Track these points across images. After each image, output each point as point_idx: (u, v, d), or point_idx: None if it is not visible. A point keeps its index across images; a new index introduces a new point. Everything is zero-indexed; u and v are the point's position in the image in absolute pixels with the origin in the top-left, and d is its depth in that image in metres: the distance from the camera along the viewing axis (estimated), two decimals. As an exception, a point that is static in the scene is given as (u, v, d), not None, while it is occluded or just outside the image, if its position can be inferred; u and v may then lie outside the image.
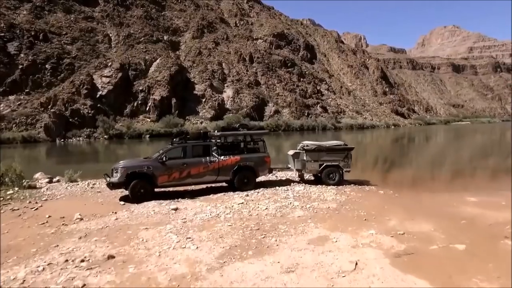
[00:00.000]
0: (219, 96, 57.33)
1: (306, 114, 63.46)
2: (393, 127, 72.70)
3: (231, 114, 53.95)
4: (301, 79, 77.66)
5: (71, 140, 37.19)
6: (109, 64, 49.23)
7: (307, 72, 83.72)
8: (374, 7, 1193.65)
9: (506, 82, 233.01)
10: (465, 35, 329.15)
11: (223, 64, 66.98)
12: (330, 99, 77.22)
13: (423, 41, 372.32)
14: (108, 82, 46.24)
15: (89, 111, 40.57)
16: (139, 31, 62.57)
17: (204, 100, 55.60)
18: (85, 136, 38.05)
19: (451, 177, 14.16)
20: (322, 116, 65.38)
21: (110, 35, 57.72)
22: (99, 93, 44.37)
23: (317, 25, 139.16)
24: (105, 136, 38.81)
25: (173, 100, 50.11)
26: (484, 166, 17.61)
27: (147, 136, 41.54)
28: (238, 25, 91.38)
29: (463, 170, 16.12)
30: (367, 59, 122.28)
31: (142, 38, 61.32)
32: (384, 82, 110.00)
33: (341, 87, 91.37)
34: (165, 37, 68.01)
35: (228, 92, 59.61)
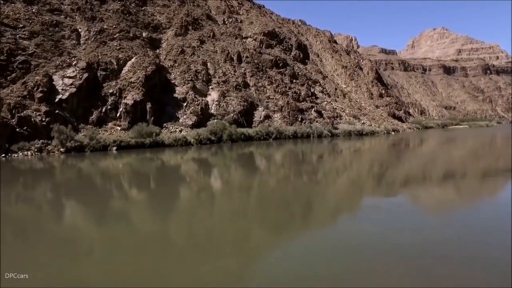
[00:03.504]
0: (202, 100, 51.08)
1: (299, 119, 57.71)
2: (393, 132, 67.73)
3: (216, 120, 47.76)
4: (294, 81, 71.95)
5: (16, 155, 30.45)
6: (73, 63, 42.49)
7: (300, 73, 78.09)
8: (365, 8, 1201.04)
9: (495, 84, 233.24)
10: (454, 37, 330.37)
11: (208, 63, 60.77)
12: (325, 102, 71.68)
13: (412, 43, 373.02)
14: (71, 84, 39.55)
15: (43, 119, 33.83)
16: (114, 26, 55.85)
17: (185, 104, 49.27)
18: (36, 150, 31.35)
19: None
20: (317, 122, 59.72)
21: (79, 30, 50.88)
22: (59, 97, 37.64)
23: (308, 25, 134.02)
24: (61, 149, 32.20)
25: (148, 105, 43.66)
26: None
27: (114, 148, 35.06)
28: (226, 22, 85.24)
29: None
30: (361, 60, 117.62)
31: (117, 35, 54.62)
32: (379, 84, 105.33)
33: (336, 89, 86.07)
34: (144, 34, 61.41)
35: (213, 95, 53.41)
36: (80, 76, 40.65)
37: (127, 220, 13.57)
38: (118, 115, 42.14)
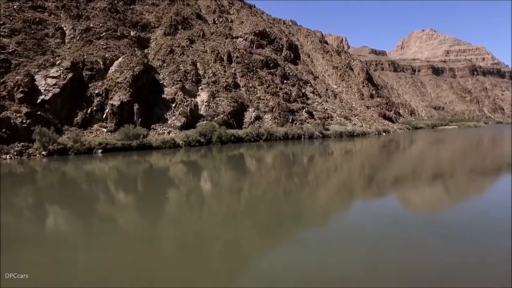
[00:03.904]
0: (192, 101, 50.07)
1: (290, 120, 57.14)
2: (384, 133, 67.76)
3: (205, 122, 46.85)
4: (285, 81, 71.41)
5: (-6, 159, 29.06)
6: (57, 62, 41.04)
7: (290, 74, 77.59)
8: (355, 9, 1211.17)
9: (482, 85, 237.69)
10: (442, 39, 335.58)
11: (198, 64, 59.75)
12: (316, 103, 71.31)
13: (402, 44, 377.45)
14: (55, 84, 38.14)
15: (24, 121, 32.43)
16: (101, 25, 54.37)
17: (174, 105, 48.20)
18: (16, 153, 29.98)
19: None
20: (308, 123, 59.25)
21: (64, 28, 49.30)
22: (41, 97, 36.21)
23: (299, 26, 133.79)
24: (43, 153, 30.89)
25: (136, 106, 42.48)
26: None
27: (99, 151, 33.86)
28: (216, 22, 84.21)
29: None
30: (352, 60, 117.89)
31: (104, 33, 53.17)
32: (370, 84, 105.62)
33: (327, 89, 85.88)
34: (132, 33, 60.05)
35: (202, 96, 52.43)
36: (64, 76, 39.25)
37: (114, 225, 13.37)
38: (104, 116, 40.86)
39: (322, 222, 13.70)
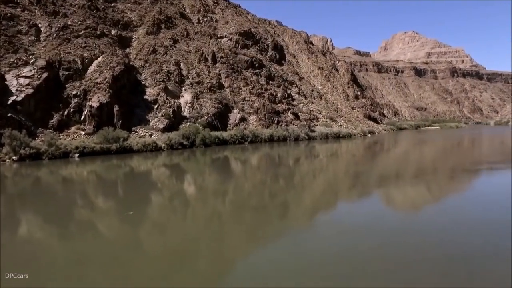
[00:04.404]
0: (174, 102, 48.71)
1: (276, 121, 56.49)
2: (369, 135, 68.03)
3: (188, 124, 45.62)
4: (270, 82, 70.77)
5: (-41, 165, 27.17)
6: (31, 61, 39.01)
7: (276, 74, 77.04)
8: (340, 10, 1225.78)
9: (462, 86, 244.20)
10: (424, 41, 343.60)
11: (181, 64, 58.36)
12: (302, 104, 70.96)
13: (385, 45, 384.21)
14: (28, 84, 36.16)
15: (-7, 124, 30.50)
16: (79, 22, 52.28)
17: (156, 106, 46.75)
18: (-17, 158, 28.09)
19: None
20: (293, 124, 58.75)
21: (40, 25, 47.09)
22: (12, 98, 34.23)
23: (284, 26, 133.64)
24: (14, 157, 29.10)
25: (116, 107, 40.87)
26: None
27: (76, 155, 32.23)
28: (201, 21, 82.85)
29: None
30: (337, 61, 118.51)
31: (83, 31, 51.12)
32: (355, 85, 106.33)
33: (312, 90, 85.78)
34: (113, 32, 58.10)
35: (186, 97, 51.13)
36: (39, 76, 37.31)
37: (94, 231, 12.93)
38: (82, 118, 39.12)
39: (307, 223, 13.94)
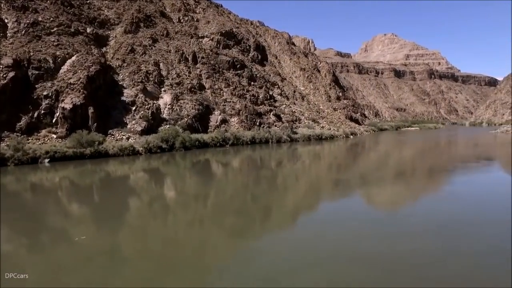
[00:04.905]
0: (153, 103, 47.17)
1: (258, 123, 55.79)
2: (351, 136, 68.39)
3: (168, 126, 44.23)
4: (252, 83, 70.01)
5: None
6: (-3, 60, 36.64)
7: (258, 75, 76.36)
8: (321, 11, 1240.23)
9: (439, 88, 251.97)
10: (402, 43, 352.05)
11: (161, 64, 56.72)
12: (284, 106, 70.59)
13: (366, 47, 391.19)
14: (-7, 85, 33.89)
15: (-47, 127, 28.30)
16: (52, 19, 49.82)
17: (134, 108, 45.07)
18: None
19: None
20: (276, 126, 58.23)
21: (6, 20, 44.49)
22: (-24, 100, 31.98)
23: (266, 26, 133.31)
24: (-24, 164, 27.06)
25: (91, 109, 39.02)
26: None
27: (46, 160, 30.40)
28: (181, 20, 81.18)
29: None
30: (319, 62, 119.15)
31: (55, 29, 48.71)
32: (337, 86, 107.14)
33: (294, 91, 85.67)
34: (89, 30, 55.79)
35: (165, 98, 49.63)
36: (5, 75, 35.06)
37: (68, 239, 12.38)
38: (54, 121, 37.10)
39: (289, 226, 14.10)
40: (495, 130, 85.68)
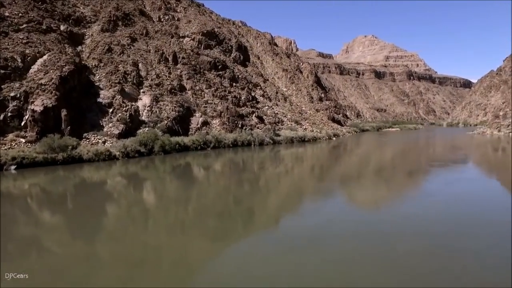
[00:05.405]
0: (132, 105, 45.45)
1: (240, 125, 54.90)
2: (334, 138, 68.54)
3: (147, 129, 42.68)
4: (234, 84, 69.04)
5: None
6: (-40, 59, 34.16)
7: (240, 76, 75.46)
8: (302, 11, 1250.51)
9: (418, 89, 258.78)
10: (382, 45, 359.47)
11: (140, 64, 54.90)
12: (266, 107, 69.98)
13: (347, 48, 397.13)
14: (-45, 86, 31.50)
15: None
16: (20, 15, 47.21)
17: (111, 110, 43.24)
18: None
19: None
20: (258, 128, 57.49)
21: (-29, 18, 41.74)
22: None
23: (248, 27, 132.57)
24: None
25: (64, 112, 37.02)
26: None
27: (13, 167, 28.46)
28: (162, 19, 79.31)
29: None
30: (301, 63, 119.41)
31: (24, 25, 46.14)
32: (319, 87, 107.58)
33: (277, 92, 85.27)
34: (62, 27, 53.26)
35: (144, 100, 47.97)
36: (-32, 76, 32.69)
37: (39, 247, 11.94)
38: (22, 124, 34.91)
39: (271, 228, 14.16)
40: (472, 132, 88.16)
